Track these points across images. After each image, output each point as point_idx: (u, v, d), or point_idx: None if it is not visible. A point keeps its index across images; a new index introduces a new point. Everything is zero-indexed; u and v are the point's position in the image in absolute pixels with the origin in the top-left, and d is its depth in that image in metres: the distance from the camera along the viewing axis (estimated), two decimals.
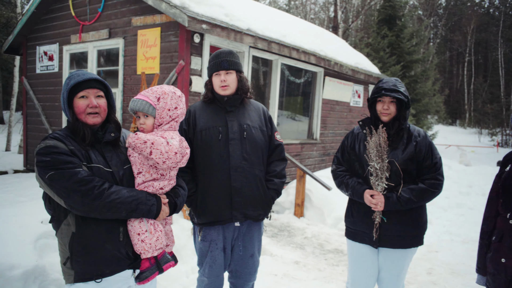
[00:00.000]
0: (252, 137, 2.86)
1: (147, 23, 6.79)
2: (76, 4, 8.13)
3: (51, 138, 1.97)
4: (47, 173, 1.88)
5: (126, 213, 1.97)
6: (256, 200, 2.84)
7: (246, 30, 6.92)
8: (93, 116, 2.04)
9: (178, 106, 2.26)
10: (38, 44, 9.17)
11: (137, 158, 2.14)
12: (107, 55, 7.87)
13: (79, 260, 1.95)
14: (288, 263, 5.03)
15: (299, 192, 7.13)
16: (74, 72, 2.09)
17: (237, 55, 2.93)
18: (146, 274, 2.09)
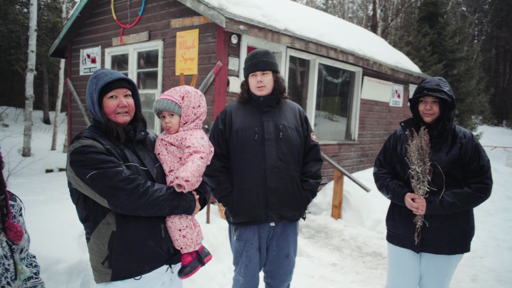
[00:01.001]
0: (288, 137, 2.84)
1: (185, 25, 6.89)
2: (117, 8, 8.37)
3: (86, 138, 1.96)
4: (87, 173, 1.86)
5: (169, 209, 1.98)
6: (291, 200, 2.82)
7: (283, 30, 6.90)
8: (123, 115, 2.05)
9: (201, 104, 2.28)
10: (81, 47, 9.51)
11: (166, 156, 2.17)
12: (147, 56, 8.06)
13: (119, 258, 1.96)
14: (325, 265, 4.97)
15: (336, 193, 7.03)
16: (100, 71, 2.07)
17: (273, 55, 2.92)
18: (190, 269, 2.12)
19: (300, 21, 7.95)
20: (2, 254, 1.63)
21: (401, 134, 2.93)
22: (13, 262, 1.67)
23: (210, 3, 6.20)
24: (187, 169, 2.00)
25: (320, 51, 7.69)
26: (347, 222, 6.87)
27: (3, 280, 1.61)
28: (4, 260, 1.63)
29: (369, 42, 10.71)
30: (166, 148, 2.19)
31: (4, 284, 1.62)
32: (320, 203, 7.39)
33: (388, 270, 3.03)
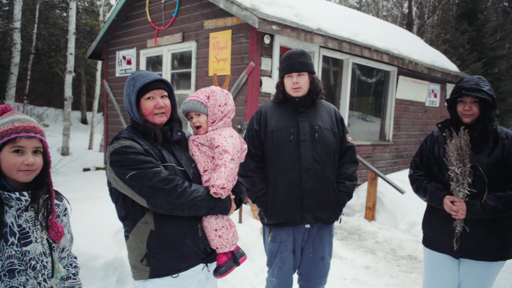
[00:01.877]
0: (324, 138, 2.80)
1: (218, 26, 6.94)
2: (152, 10, 8.53)
3: (125, 138, 1.99)
4: (127, 173, 1.88)
5: (206, 210, 2.00)
6: (327, 202, 2.78)
7: (316, 30, 6.84)
8: (159, 116, 2.08)
9: (227, 102, 2.28)
10: (117, 49, 9.74)
11: (200, 156, 2.19)
12: (181, 57, 8.17)
13: (157, 256, 1.99)
14: (358, 268, 4.89)
15: (370, 195, 6.91)
16: (137, 73, 2.10)
17: (309, 55, 2.89)
18: (225, 268, 2.13)
19: (333, 20, 7.87)
20: (41, 251, 1.68)
21: (438, 136, 2.84)
22: (51, 260, 1.72)
23: (242, 3, 6.22)
24: (221, 175, 2.01)
25: (354, 51, 7.58)
26: (381, 224, 6.74)
27: (40, 276, 1.66)
28: (43, 257, 1.68)
29: (404, 41, 10.48)
30: (199, 148, 2.21)
31: (41, 280, 1.67)
32: (353, 204, 7.28)
33: (424, 275, 2.94)
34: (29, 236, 1.66)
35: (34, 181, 1.72)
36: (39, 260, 1.67)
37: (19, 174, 1.63)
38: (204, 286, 2.18)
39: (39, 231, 1.70)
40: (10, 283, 1.59)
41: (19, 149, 1.63)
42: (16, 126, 1.63)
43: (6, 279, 1.59)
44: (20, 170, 1.62)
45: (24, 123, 1.66)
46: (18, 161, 1.61)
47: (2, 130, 1.62)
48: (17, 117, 1.67)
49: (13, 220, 1.63)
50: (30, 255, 1.64)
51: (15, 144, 1.62)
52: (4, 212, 1.61)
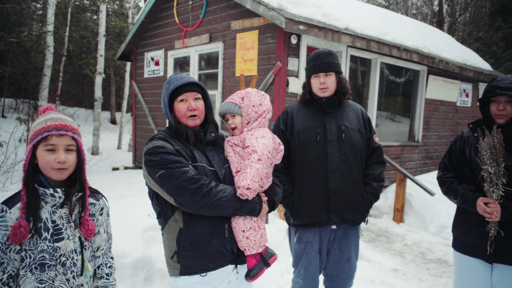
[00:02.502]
0: (350, 139, 2.77)
1: (245, 26, 6.96)
2: (180, 12, 8.63)
3: (158, 139, 2.06)
4: (157, 172, 1.95)
5: (232, 211, 2.01)
6: (354, 203, 2.75)
7: (343, 29, 6.77)
8: (193, 119, 2.12)
9: (262, 103, 2.28)
10: (146, 50, 9.90)
11: (233, 157, 2.19)
12: (208, 58, 8.23)
13: (186, 254, 2.03)
14: (386, 270, 4.81)
15: (398, 197, 6.78)
16: (173, 76, 2.17)
17: (336, 55, 2.86)
18: (256, 271, 2.13)
19: (361, 19, 7.76)
20: (72, 249, 1.73)
21: (469, 136, 2.76)
22: (82, 258, 1.76)
23: (269, 4, 6.21)
24: (247, 176, 2.02)
25: (382, 50, 7.46)
26: (410, 226, 6.61)
27: (69, 273, 1.71)
28: (73, 254, 1.73)
29: (434, 39, 10.24)
30: (233, 149, 2.23)
31: (70, 277, 1.71)
32: (381, 206, 7.17)
33: (454, 280, 2.86)
34: (62, 232, 1.71)
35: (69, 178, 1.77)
36: (69, 257, 1.71)
37: (53, 172, 1.69)
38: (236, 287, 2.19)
39: (72, 228, 1.75)
40: (40, 276, 1.65)
41: (51, 147, 1.68)
42: (49, 125, 1.69)
43: (37, 272, 1.65)
44: (53, 168, 1.68)
45: (56, 121, 1.71)
46: (50, 159, 1.67)
47: (37, 129, 1.69)
48: (50, 116, 1.73)
49: (48, 216, 1.69)
50: (61, 252, 1.69)
51: (47, 143, 1.67)
52: (40, 207, 1.67)
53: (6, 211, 1.63)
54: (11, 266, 1.63)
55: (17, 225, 1.58)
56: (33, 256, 1.64)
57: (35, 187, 1.67)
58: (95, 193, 1.92)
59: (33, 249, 1.64)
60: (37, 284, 1.65)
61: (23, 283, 1.64)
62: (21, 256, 1.64)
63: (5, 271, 1.61)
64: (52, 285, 1.67)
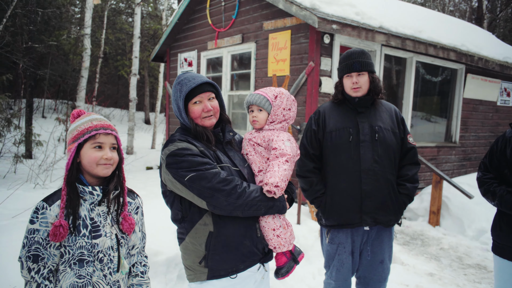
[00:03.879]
0: (384, 139, 2.74)
1: (277, 26, 6.95)
2: (212, 13, 8.71)
3: (181, 141, 2.00)
4: (186, 175, 1.89)
5: (264, 210, 1.99)
6: (387, 205, 2.72)
7: (378, 28, 6.65)
8: (208, 118, 2.09)
9: (291, 108, 2.27)
10: (179, 51, 10.04)
11: (255, 156, 2.18)
12: (240, 59, 8.27)
13: (216, 257, 1.99)
14: (421, 275, 4.69)
15: (434, 199, 6.60)
16: (183, 76, 2.10)
17: (369, 54, 2.82)
18: (286, 269, 2.13)
19: (396, 17, 7.61)
20: (109, 245, 1.78)
21: (511, 137, 2.65)
22: (118, 255, 1.81)
23: (302, 3, 6.18)
24: (275, 174, 2.00)
25: (418, 48, 7.28)
26: (446, 230, 6.42)
27: (106, 269, 1.76)
28: (110, 251, 1.78)
29: (473, 37, 9.90)
30: (254, 148, 2.21)
31: (106, 273, 1.76)
32: (416, 208, 7.00)
33: (494, 286, 2.75)
34: (100, 230, 1.75)
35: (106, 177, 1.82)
36: (106, 253, 1.76)
37: (99, 168, 1.75)
38: (259, 286, 2.18)
39: (109, 226, 1.80)
40: (79, 271, 1.70)
41: (99, 144, 1.75)
42: (95, 124, 1.77)
43: (76, 268, 1.70)
44: (100, 164, 1.75)
45: (101, 121, 1.79)
46: (98, 156, 1.74)
47: (83, 128, 1.75)
48: (94, 117, 1.81)
49: (86, 213, 1.74)
50: (98, 248, 1.73)
51: (95, 141, 1.75)
52: (79, 205, 1.72)
53: (46, 208, 1.68)
54: (51, 261, 1.68)
55: (57, 224, 1.63)
56: (72, 252, 1.69)
57: (75, 185, 1.73)
58: (130, 192, 1.96)
59: (72, 245, 1.69)
60: (76, 279, 1.70)
61: (63, 278, 1.70)
62: (61, 252, 1.70)
63: (45, 265, 1.67)
64: (90, 281, 1.72)
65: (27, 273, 1.66)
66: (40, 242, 1.66)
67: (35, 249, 1.65)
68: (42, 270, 1.67)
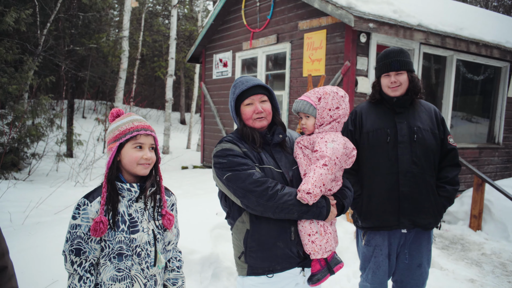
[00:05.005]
0: (423, 140, 2.67)
1: (313, 26, 6.90)
2: (247, 14, 8.74)
3: (226, 141, 2.10)
4: (224, 174, 1.99)
5: (297, 214, 1.99)
6: (426, 207, 2.66)
7: (416, 25, 6.49)
8: (259, 120, 2.12)
9: (340, 106, 2.20)
10: (214, 52, 10.14)
11: (302, 159, 2.16)
12: (275, 59, 8.26)
13: (252, 255, 2.05)
14: (461, 280, 4.53)
15: (476, 202, 6.37)
16: (239, 79, 2.18)
17: (408, 53, 2.75)
18: (318, 277, 2.09)
19: (435, 14, 7.39)
20: (147, 240, 1.84)
21: None
22: (155, 250, 1.87)
23: (338, 2, 6.10)
24: (309, 180, 1.98)
25: (459, 46, 7.05)
26: (488, 234, 6.18)
27: (143, 263, 1.82)
28: (147, 246, 1.84)
29: None
30: (302, 151, 2.19)
31: (144, 267, 1.83)
32: (456, 211, 6.77)
33: None
34: (137, 225, 1.82)
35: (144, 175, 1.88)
36: (144, 248, 1.82)
37: (138, 167, 1.82)
38: None
39: (146, 222, 1.85)
40: (118, 265, 1.77)
41: (140, 145, 1.82)
42: (136, 125, 1.83)
43: (115, 261, 1.77)
44: (139, 164, 1.81)
45: (141, 122, 1.86)
46: (138, 156, 1.80)
47: (124, 128, 1.82)
48: (135, 118, 1.88)
49: (124, 209, 1.81)
50: (136, 243, 1.80)
51: (136, 141, 1.81)
52: (118, 201, 1.79)
53: (88, 204, 1.76)
54: (92, 255, 1.76)
55: (98, 220, 1.71)
56: (111, 246, 1.76)
57: (115, 182, 1.80)
58: (166, 190, 2.02)
59: (111, 239, 1.76)
60: (115, 272, 1.77)
61: (103, 271, 1.78)
62: (101, 246, 1.77)
63: (87, 259, 1.75)
64: (129, 274, 1.79)
65: (70, 266, 1.74)
66: (82, 236, 1.73)
67: (77, 243, 1.73)
68: (84, 263, 1.74)
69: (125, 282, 1.78)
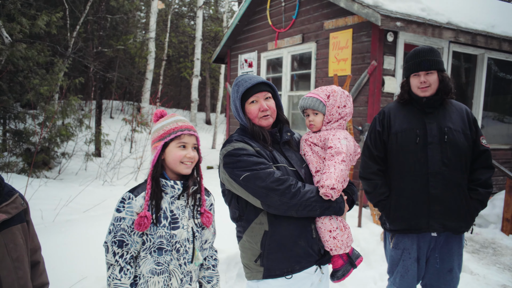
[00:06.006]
0: (454, 141, 2.61)
1: (338, 25, 6.84)
2: (272, 14, 8.73)
3: (237, 141, 2.05)
4: (241, 175, 1.93)
5: (320, 211, 1.98)
6: (457, 210, 2.59)
7: (445, 24, 6.34)
8: (265, 119, 2.11)
9: (346, 105, 2.22)
10: (239, 53, 10.17)
11: (312, 156, 2.16)
12: (300, 59, 8.22)
13: (271, 257, 2.01)
14: (493, 286, 4.40)
15: (508, 205, 6.17)
16: (240, 78, 2.16)
17: (438, 52, 2.69)
18: (342, 272, 2.09)
19: (465, 12, 7.21)
20: (186, 237, 1.89)
21: None
22: (193, 247, 1.91)
23: (364, 1, 6.03)
24: (331, 176, 1.97)
25: (491, 44, 6.86)
26: None
27: (181, 259, 1.87)
28: (186, 242, 1.89)
29: None
30: (311, 148, 2.19)
31: (182, 263, 1.87)
32: (487, 215, 6.58)
33: None
34: (178, 221, 1.87)
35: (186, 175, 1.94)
36: (183, 244, 1.87)
37: (181, 166, 1.88)
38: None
39: (186, 219, 1.90)
40: (157, 259, 1.83)
41: (183, 144, 1.88)
42: (180, 125, 1.90)
43: (155, 255, 1.83)
44: (182, 163, 1.87)
45: (185, 123, 1.93)
46: (182, 154, 1.87)
47: (169, 128, 1.89)
48: (179, 118, 1.95)
49: (167, 205, 1.86)
50: (176, 239, 1.85)
51: (180, 141, 1.88)
52: (162, 197, 1.85)
53: (133, 198, 1.83)
54: (133, 248, 1.82)
55: (142, 215, 1.77)
56: (153, 240, 1.82)
57: (159, 180, 1.86)
58: (205, 190, 2.06)
59: (153, 234, 1.82)
60: (154, 266, 1.83)
61: (143, 263, 1.83)
62: (143, 240, 1.83)
63: (128, 251, 1.81)
64: (167, 268, 1.84)
65: (111, 257, 1.80)
66: (125, 229, 1.79)
67: (121, 235, 1.79)
68: (125, 255, 1.80)
69: (163, 276, 1.83)
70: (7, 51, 7.34)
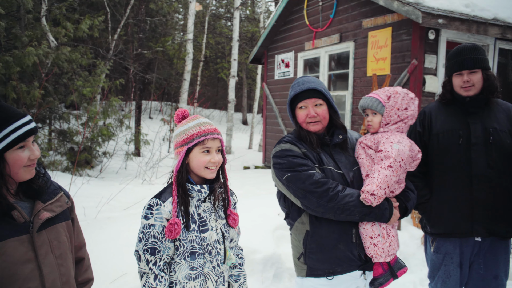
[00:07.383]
0: (500, 142, 2.49)
1: (377, 24, 6.71)
2: (309, 13, 8.67)
3: (285, 142, 2.12)
4: (284, 175, 2.00)
5: (359, 216, 1.96)
6: (504, 214, 2.48)
7: (491, 20, 6.10)
8: (313, 125, 2.12)
9: (408, 107, 2.16)
10: (276, 53, 10.16)
11: (364, 160, 2.12)
12: (338, 58, 8.13)
13: (312, 256, 2.04)
14: None
15: None
16: (297, 80, 2.19)
17: (483, 50, 2.58)
18: (381, 281, 2.05)
19: None
20: (216, 239, 1.88)
21: None
22: (224, 247, 1.91)
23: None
24: (373, 181, 1.94)
25: None
26: None
27: (214, 261, 1.86)
28: (217, 244, 1.88)
29: None
30: (365, 151, 2.16)
31: (215, 265, 1.86)
32: None
33: None
34: (207, 224, 1.86)
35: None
36: (214, 246, 1.86)
37: (206, 171, 1.84)
38: None
39: (214, 220, 1.89)
40: (191, 263, 1.81)
41: (207, 149, 1.83)
42: (203, 129, 1.83)
43: (189, 260, 1.81)
44: (206, 167, 1.83)
45: (208, 126, 1.86)
46: (206, 160, 1.82)
47: (192, 133, 1.83)
48: (201, 121, 1.88)
49: (194, 209, 1.84)
50: (207, 241, 1.83)
51: (204, 146, 1.83)
52: (189, 203, 1.83)
53: (160, 204, 1.79)
54: (166, 254, 1.79)
55: (172, 222, 1.74)
56: (185, 245, 1.80)
57: (185, 185, 1.83)
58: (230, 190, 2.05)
59: (185, 238, 1.80)
60: (189, 271, 1.81)
61: (179, 269, 1.81)
62: (176, 245, 1.80)
63: (161, 258, 1.77)
64: (202, 272, 1.82)
65: (145, 265, 1.76)
66: (156, 236, 1.76)
67: (152, 242, 1.76)
68: (158, 262, 1.77)
69: (199, 280, 1.81)
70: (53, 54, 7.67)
